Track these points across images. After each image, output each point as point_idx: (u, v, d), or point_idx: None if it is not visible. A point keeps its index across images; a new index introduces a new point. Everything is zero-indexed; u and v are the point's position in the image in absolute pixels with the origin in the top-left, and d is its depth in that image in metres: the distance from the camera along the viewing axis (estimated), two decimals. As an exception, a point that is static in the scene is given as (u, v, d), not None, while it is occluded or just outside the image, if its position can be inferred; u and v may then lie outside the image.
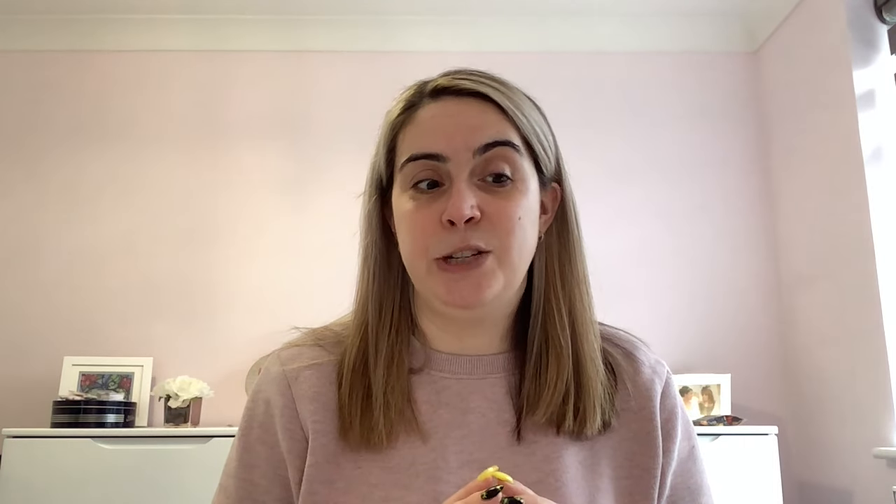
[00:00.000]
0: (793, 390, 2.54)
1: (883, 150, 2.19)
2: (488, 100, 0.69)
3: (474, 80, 0.70)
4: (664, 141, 2.74)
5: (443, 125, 0.68)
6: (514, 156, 0.68)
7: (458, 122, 0.68)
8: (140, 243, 2.60)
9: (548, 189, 0.73)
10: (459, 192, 0.65)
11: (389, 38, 2.77)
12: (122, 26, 2.74)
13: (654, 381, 0.75)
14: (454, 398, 0.71)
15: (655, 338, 2.63)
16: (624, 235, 2.64)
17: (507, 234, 0.66)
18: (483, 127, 0.67)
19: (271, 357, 0.76)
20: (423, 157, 0.67)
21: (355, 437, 0.68)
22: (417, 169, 0.68)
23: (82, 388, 2.39)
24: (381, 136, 0.73)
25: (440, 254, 0.66)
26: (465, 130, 0.67)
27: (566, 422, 0.69)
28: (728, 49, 2.82)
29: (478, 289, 0.66)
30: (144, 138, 2.69)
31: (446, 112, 0.69)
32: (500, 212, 0.66)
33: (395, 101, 0.73)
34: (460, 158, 0.66)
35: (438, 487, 0.66)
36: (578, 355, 0.70)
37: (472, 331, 0.72)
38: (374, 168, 0.74)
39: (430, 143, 0.67)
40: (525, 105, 0.71)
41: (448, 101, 0.69)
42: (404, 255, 0.70)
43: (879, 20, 2.26)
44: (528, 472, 0.67)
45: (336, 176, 2.63)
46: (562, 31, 2.79)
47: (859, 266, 2.18)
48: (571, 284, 0.72)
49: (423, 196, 0.68)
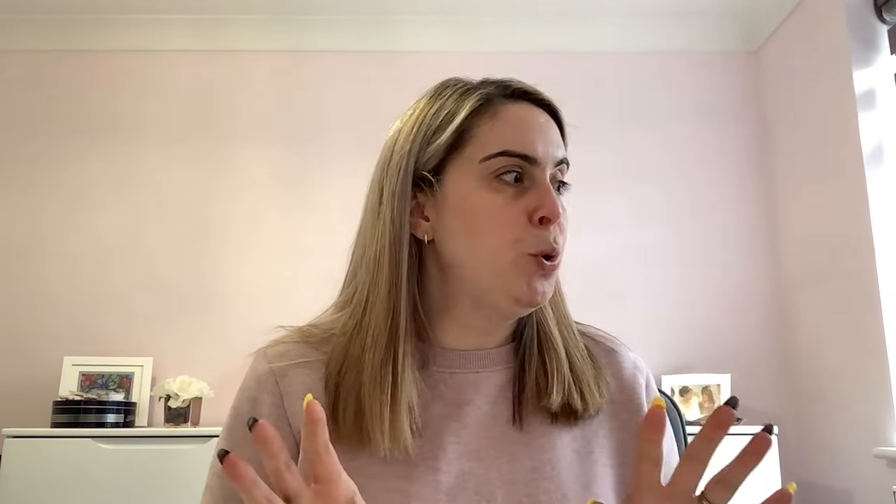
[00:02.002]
0: (793, 390, 2.54)
1: (883, 150, 2.19)
2: (555, 116, 0.75)
3: (548, 98, 0.75)
4: (664, 141, 2.74)
5: (537, 130, 0.71)
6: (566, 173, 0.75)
7: (547, 131, 0.72)
8: (140, 243, 2.60)
9: None
10: (552, 193, 0.69)
11: (390, 38, 2.77)
12: (123, 26, 2.74)
13: (637, 376, 0.79)
14: (448, 392, 0.72)
15: (656, 338, 2.64)
16: (624, 235, 2.64)
17: (564, 239, 0.72)
18: (559, 141, 0.73)
19: (257, 355, 0.75)
20: (519, 157, 0.69)
21: (348, 433, 0.67)
22: (507, 164, 0.69)
23: (82, 388, 2.39)
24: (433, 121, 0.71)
25: (536, 249, 0.68)
26: (551, 140, 0.72)
27: (574, 403, 0.72)
28: (728, 49, 2.82)
29: (548, 291, 0.70)
30: (144, 138, 2.69)
31: (537, 118, 0.72)
32: (564, 220, 0.71)
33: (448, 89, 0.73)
34: (547, 165, 0.71)
35: (437, 477, 0.67)
36: (567, 346, 0.76)
37: (494, 328, 0.75)
38: (410, 153, 0.71)
39: (527, 144, 0.69)
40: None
41: (532, 107, 0.73)
42: (468, 246, 0.69)
43: (879, 20, 2.26)
44: (525, 461, 0.69)
45: (336, 176, 2.63)
46: (562, 31, 2.79)
47: (859, 266, 2.18)
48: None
49: (508, 189, 0.68)
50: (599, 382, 0.75)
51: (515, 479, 0.68)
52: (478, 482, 0.68)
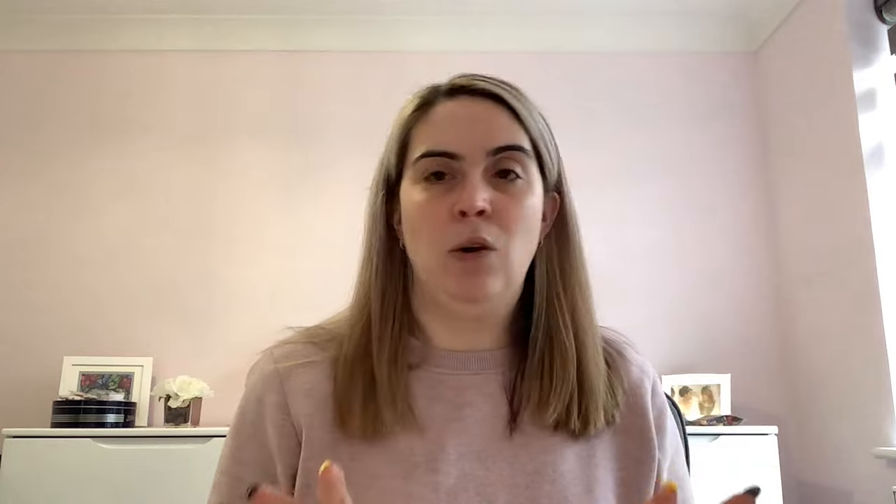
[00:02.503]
0: (793, 390, 2.54)
1: (883, 150, 2.19)
2: (502, 102, 0.70)
3: (490, 82, 0.72)
4: (664, 141, 2.74)
5: (459, 124, 0.69)
6: (524, 160, 0.70)
7: (474, 121, 0.69)
8: (140, 243, 2.60)
9: (548, 197, 0.74)
10: (473, 185, 0.66)
11: (389, 38, 2.77)
12: (123, 26, 2.74)
13: (644, 380, 0.78)
14: (449, 392, 0.72)
15: (656, 338, 2.64)
16: (624, 235, 2.64)
17: (513, 232, 0.68)
18: (498, 129, 0.69)
19: (263, 355, 0.77)
20: (439, 155, 0.69)
21: (354, 427, 0.68)
22: (430, 163, 0.69)
23: (82, 388, 2.39)
24: (392, 131, 0.74)
25: (453, 244, 0.67)
26: (481, 131, 0.69)
27: (571, 422, 0.70)
28: (728, 49, 2.82)
29: (483, 284, 0.67)
30: (144, 138, 2.69)
31: (462, 110, 0.70)
32: (508, 209, 0.67)
33: (408, 98, 0.75)
34: (475, 157, 0.68)
35: (438, 478, 0.67)
36: (581, 358, 0.72)
37: (474, 326, 0.73)
38: (383, 164, 0.75)
39: (445, 141, 0.69)
40: (534, 111, 0.73)
41: (464, 100, 0.71)
42: (413, 248, 0.71)
43: (879, 20, 2.26)
44: (525, 463, 0.69)
45: (336, 175, 2.64)
46: (562, 32, 2.79)
47: (859, 266, 2.18)
48: (574, 290, 0.73)
49: (434, 187, 0.69)
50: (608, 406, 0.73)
51: (517, 481, 0.68)
52: (479, 484, 0.67)
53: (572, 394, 0.71)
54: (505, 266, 0.68)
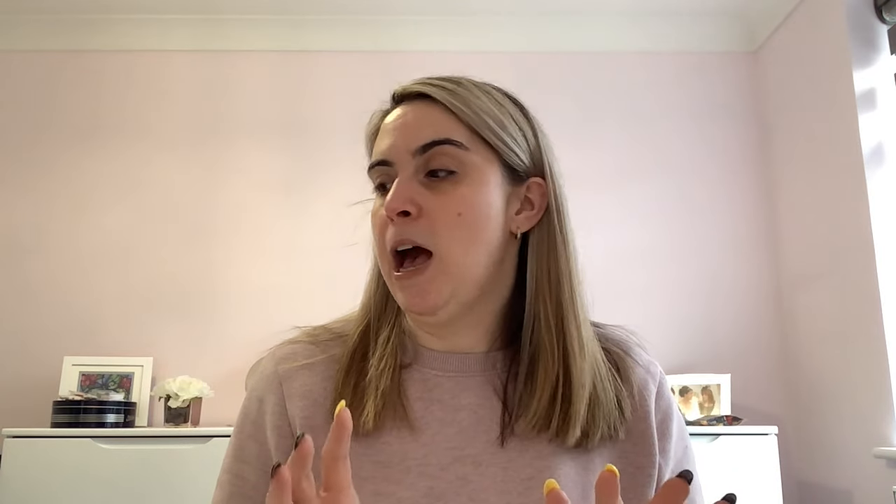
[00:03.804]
0: (793, 390, 2.54)
1: (883, 150, 2.19)
2: (433, 100, 0.70)
3: (422, 82, 0.71)
4: (664, 141, 2.74)
5: (390, 131, 0.70)
6: (456, 153, 0.68)
7: (402, 125, 0.70)
8: (140, 243, 2.60)
9: (525, 184, 0.72)
10: (394, 188, 0.67)
11: (390, 38, 2.77)
12: (123, 26, 2.74)
13: (648, 381, 0.75)
14: (445, 395, 0.71)
15: (656, 338, 2.64)
16: (624, 235, 2.64)
17: (446, 229, 0.66)
18: (422, 128, 0.68)
19: (268, 355, 0.78)
20: (376, 165, 0.71)
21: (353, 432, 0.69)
22: (375, 175, 0.72)
23: (82, 388, 2.39)
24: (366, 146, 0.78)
25: (389, 249, 0.68)
26: (406, 133, 0.69)
27: (550, 429, 0.68)
28: (728, 49, 2.82)
29: (424, 297, 0.66)
30: (144, 138, 2.69)
31: (394, 118, 0.71)
32: (436, 207, 0.67)
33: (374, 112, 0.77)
34: (402, 160, 0.69)
35: (430, 483, 0.67)
36: (567, 360, 0.68)
37: (447, 331, 0.72)
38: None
39: (379, 150, 0.71)
40: (477, 100, 0.70)
41: (400, 107, 0.72)
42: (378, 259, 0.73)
43: (879, 20, 2.26)
44: (521, 469, 0.68)
45: (336, 176, 2.63)
46: (562, 31, 2.79)
47: (859, 266, 2.18)
48: (560, 283, 0.70)
49: (381, 197, 0.72)
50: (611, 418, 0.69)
51: (510, 487, 0.67)
52: (472, 488, 0.66)
53: (554, 399, 0.68)
54: (447, 270, 0.66)
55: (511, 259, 0.72)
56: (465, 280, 0.67)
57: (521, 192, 0.71)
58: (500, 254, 0.70)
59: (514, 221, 0.71)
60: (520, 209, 0.71)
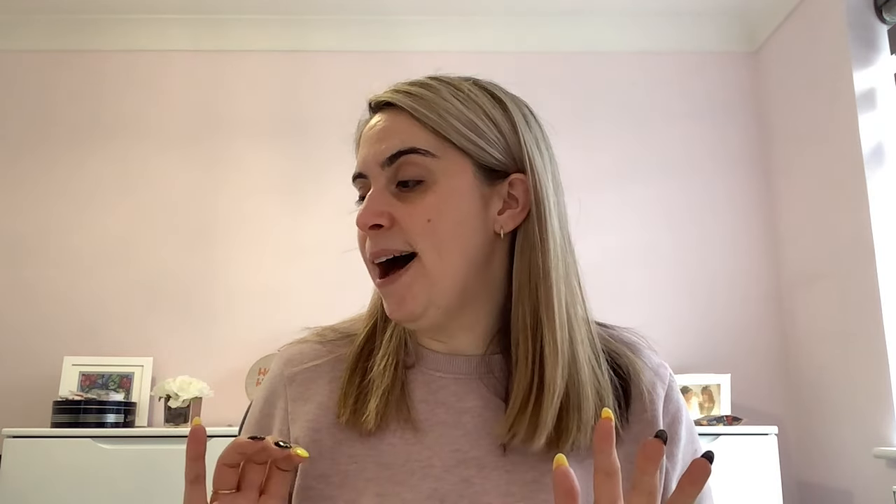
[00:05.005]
0: (793, 390, 2.54)
1: (883, 150, 2.19)
2: (400, 108, 0.69)
3: (391, 90, 0.71)
4: (664, 141, 2.74)
5: (365, 143, 0.71)
6: (423, 161, 0.67)
7: (373, 137, 0.70)
8: (140, 243, 2.60)
9: (506, 181, 0.69)
10: (366, 202, 0.68)
11: (390, 38, 2.77)
12: (123, 26, 2.74)
13: (656, 384, 0.74)
14: (451, 398, 0.71)
15: (656, 337, 2.61)
16: (623, 235, 2.64)
17: (419, 237, 0.66)
18: (388, 138, 0.68)
19: (277, 355, 0.79)
20: (356, 178, 0.72)
21: (350, 425, 0.69)
22: (357, 186, 0.73)
23: (82, 388, 2.39)
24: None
25: (369, 260, 0.70)
26: (375, 145, 0.69)
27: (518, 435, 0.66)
28: (728, 49, 2.82)
29: (401, 305, 0.67)
30: (144, 138, 2.69)
31: (368, 129, 0.72)
32: (405, 216, 0.67)
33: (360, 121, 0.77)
34: (374, 173, 0.69)
35: (434, 485, 0.66)
36: (542, 362, 0.66)
37: (444, 334, 0.72)
38: None
39: (357, 163, 0.72)
40: (444, 103, 0.68)
41: (375, 116, 0.72)
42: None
43: (879, 20, 2.26)
44: (525, 472, 0.67)
45: (336, 176, 2.63)
46: (562, 31, 2.79)
47: (859, 266, 2.18)
48: (536, 283, 0.67)
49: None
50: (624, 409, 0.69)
51: (513, 490, 0.66)
52: (475, 491, 0.66)
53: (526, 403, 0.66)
54: (426, 276, 0.67)
55: (500, 260, 0.70)
56: (443, 286, 0.67)
57: (502, 190, 0.69)
58: (484, 256, 0.69)
59: (496, 221, 0.69)
60: (503, 208, 0.69)
